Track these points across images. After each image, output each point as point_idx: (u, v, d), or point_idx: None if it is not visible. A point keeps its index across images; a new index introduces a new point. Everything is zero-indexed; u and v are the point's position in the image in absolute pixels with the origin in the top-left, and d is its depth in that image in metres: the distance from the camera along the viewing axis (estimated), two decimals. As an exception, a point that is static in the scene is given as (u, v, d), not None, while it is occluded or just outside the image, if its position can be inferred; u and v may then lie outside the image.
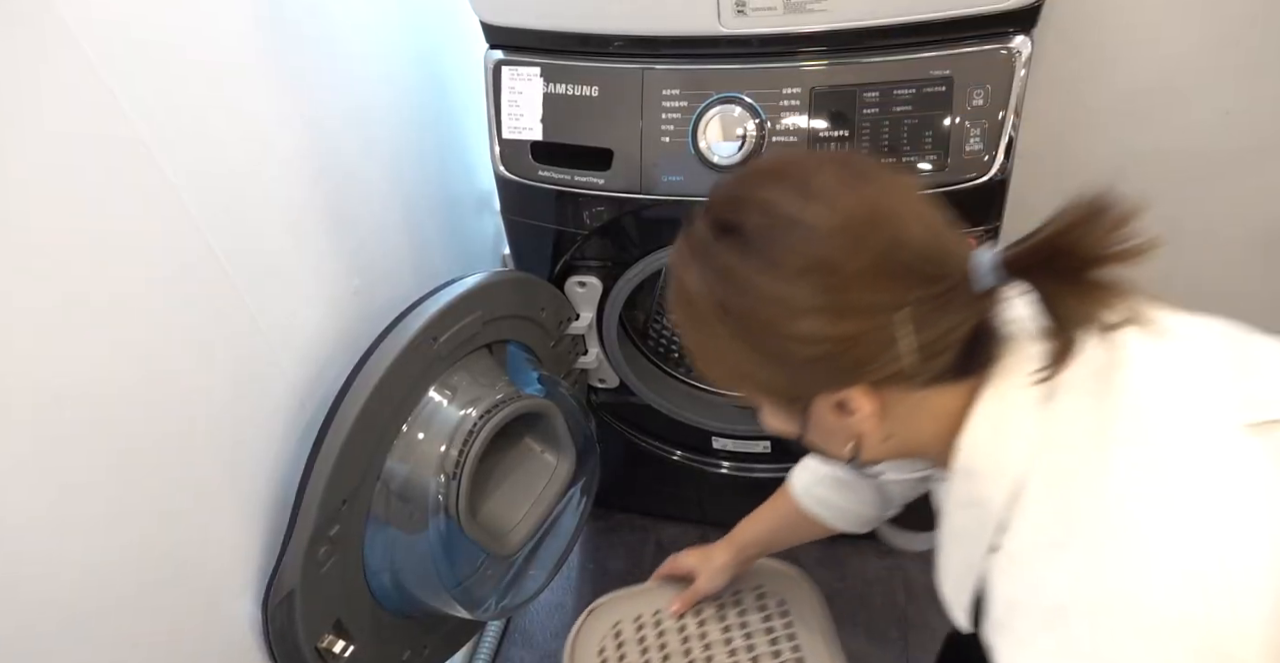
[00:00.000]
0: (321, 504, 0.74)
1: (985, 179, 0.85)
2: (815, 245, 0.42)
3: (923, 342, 0.43)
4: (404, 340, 0.81)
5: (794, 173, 0.45)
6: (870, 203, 0.43)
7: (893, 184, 0.45)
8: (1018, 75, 0.81)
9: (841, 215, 0.43)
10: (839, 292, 0.43)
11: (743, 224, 0.44)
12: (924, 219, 0.45)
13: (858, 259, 0.42)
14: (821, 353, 0.44)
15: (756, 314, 0.45)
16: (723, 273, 0.45)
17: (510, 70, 0.94)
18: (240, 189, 0.71)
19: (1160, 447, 0.43)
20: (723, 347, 0.47)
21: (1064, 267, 0.42)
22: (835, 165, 0.45)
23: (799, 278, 0.43)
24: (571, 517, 1.08)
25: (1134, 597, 0.39)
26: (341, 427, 0.75)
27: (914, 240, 0.43)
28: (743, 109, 0.87)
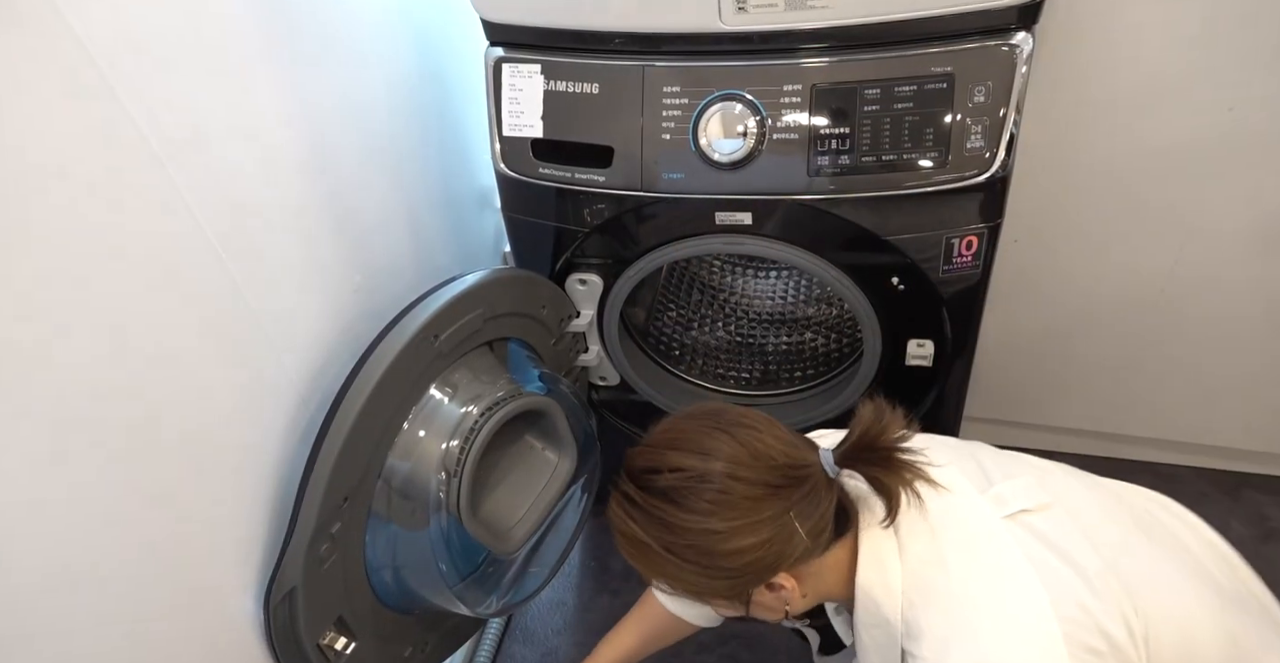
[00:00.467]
0: (323, 502, 0.74)
1: (986, 176, 0.85)
2: (724, 488, 0.60)
3: (810, 527, 0.62)
4: (405, 338, 0.81)
5: (687, 439, 0.64)
6: (748, 447, 0.62)
7: (754, 424, 0.64)
8: (1019, 72, 0.81)
9: (729, 460, 0.61)
10: (749, 513, 0.60)
11: (665, 485, 0.62)
12: (782, 440, 0.64)
13: (755, 488, 0.60)
14: (752, 559, 0.61)
15: (697, 547, 0.61)
16: (661, 524, 0.62)
17: (511, 67, 0.94)
18: (242, 186, 0.71)
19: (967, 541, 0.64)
20: (677, 574, 0.64)
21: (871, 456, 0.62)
22: (712, 425, 0.64)
23: (720, 512, 0.60)
24: (573, 514, 1.08)
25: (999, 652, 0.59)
26: (343, 424, 0.76)
27: (780, 458, 0.62)
28: (744, 106, 0.88)
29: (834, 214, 0.91)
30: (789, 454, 0.63)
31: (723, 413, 0.66)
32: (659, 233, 1.00)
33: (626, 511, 0.64)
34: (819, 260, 0.97)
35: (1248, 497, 1.39)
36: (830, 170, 0.88)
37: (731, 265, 1.33)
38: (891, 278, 0.96)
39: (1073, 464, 0.77)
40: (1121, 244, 1.16)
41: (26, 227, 0.52)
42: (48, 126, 0.53)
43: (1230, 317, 1.20)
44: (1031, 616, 0.58)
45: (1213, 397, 1.31)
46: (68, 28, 0.54)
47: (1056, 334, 1.28)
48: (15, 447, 0.51)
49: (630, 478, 0.65)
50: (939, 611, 0.61)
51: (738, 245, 0.98)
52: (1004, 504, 0.66)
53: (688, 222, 0.97)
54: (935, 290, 0.95)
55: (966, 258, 0.92)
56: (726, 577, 0.63)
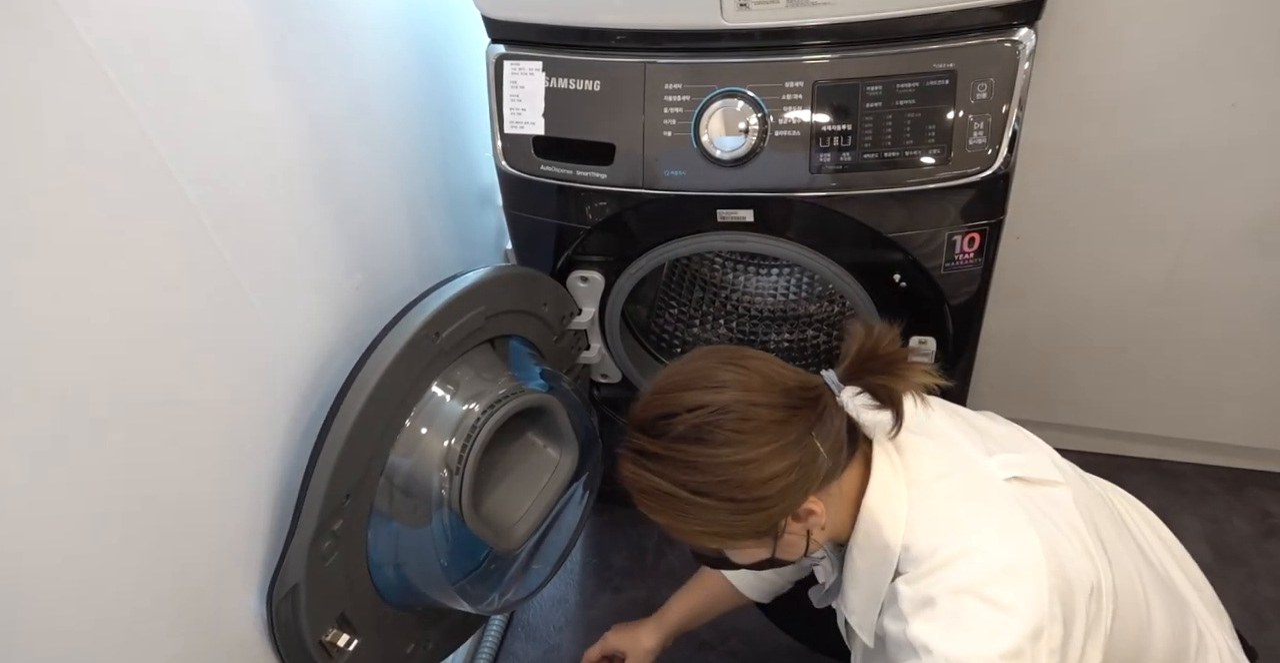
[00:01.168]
0: (325, 499, 0.74)
1: (988, 173, 0.85)
2: (746, 415, 0.60)
3: (830, 445, 0.63)
4: (407, 335, 0.81)
5: (696, 378, 0.63)
6: (755, 372, 0.62)
7: (756, 354, 0.65)
8: (1021, 68, 0.81)
9: (744, 389, 0.61)
10: (775, 436, 0.60)
11: (686, 426, 0.61)
12: (786, 366, 0.65)
13: (771, 412, 0.61)
14: (787, 483, 0.61)
15: (730, 481, 0.60)
16: (689, 466, 0.61)
17: (512, 65, 0.94)
18: (243, 184, 0.71)
19: (969, 482, 0.65)
20: (710, 519, 0.63)
21: (873, 366, 0.63)
22: (716, 359, 0.64)
23: (746, 440, 0.60)
24: (574, 512, 1.08)
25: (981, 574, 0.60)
26: (345, 421, 0.76)
27: (792, 381, 0.63)
28: (745, 103, 0.87)
29: (836, 211, 0.91)
30: (798, 377, 0.64)
31: (720, 350, 0.66)
32: (660, 230, 1.00)
33: (645, 465, 0.62)
34: (820, 257, 0.97)
35: (1251, 494, 1.39)
36: (832, 167, 0.88)
37: (733, 262, 1.33)
38: (893, 275, 0.96)
39: (1074, 461, 0.77)
40: (1124, 240, 1.16)
41: (26, 226, 0.52)
42: (50, 126, 0.53)
43: (1234, 312, 1.20)
44: (1025, 553, 0.59)
45: (1216, 393, 1.30)
46: (70, 26, 0.54)
47: (1059, 331, 1.27)
48: (15, 446, 0.51)
49: (642, 431, 0.63)
50: (940, 536, 0.62)
51: (739, 243, 0.98)
52: (1008, 468, 0.67)
53: (689, 219, 0.97)
54: (937, 287, 0.95)
55: (968, 255, 0.92)
56: (761, 509, 0.62)
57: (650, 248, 1.02)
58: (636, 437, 0.63)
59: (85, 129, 0.55)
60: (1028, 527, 0.61)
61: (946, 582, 0.59)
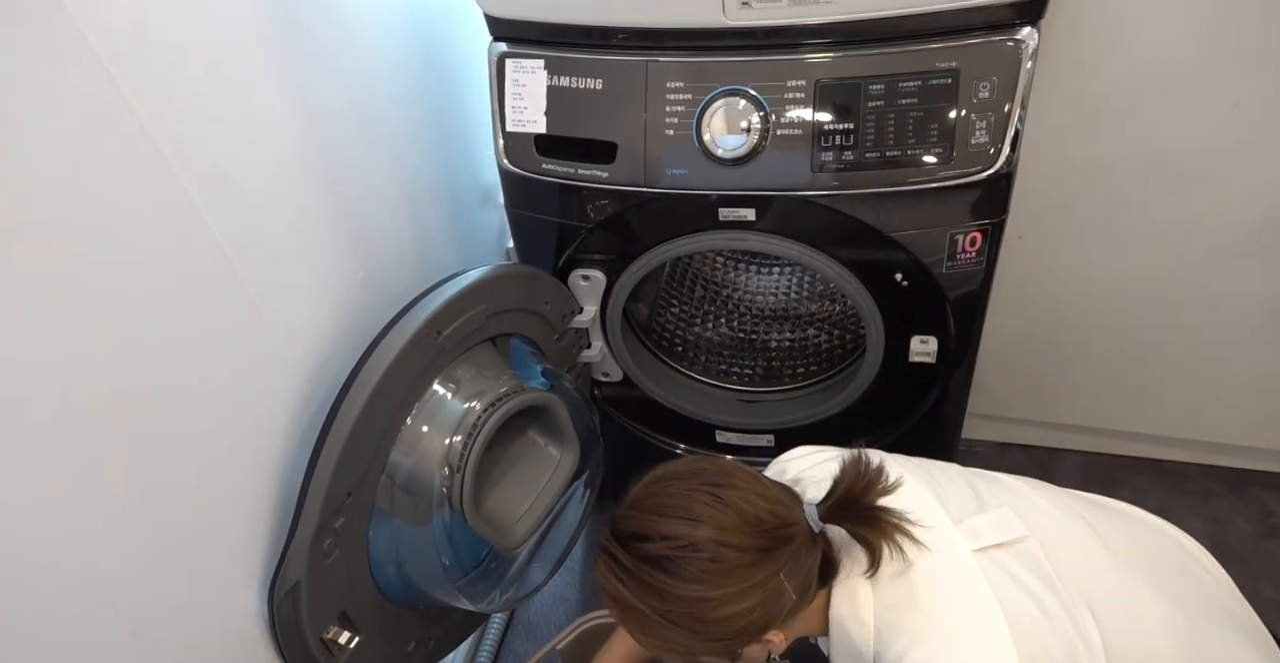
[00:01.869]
0: (326, 497, 0.74)
1: (991, 172, 0.85)
2: (715, 555, 0.61)
3: (798, 584, 0.63)
4: (408, 334, 0.81)
5: (674, 506, 0.64)
6: (735, 509, 0.62)
7: (740, 482, 0.65)
8: (1024, 67, 0.81)
9: (718, 527, 0.61)
10: (741, 579, 0.61)
11: (656, 553, 0.62)
12: (767, 497, 0.64)
13: (745, 555, 0.61)
14: (745, 623, 0.63)
15: (692, 614, 0.62)
16: (654, 591, 0.63)
17: (514, 63, 0.94)
18: (245, 182, 0.71)
19: (938, 576, 0.65)
20: (671, 637, 0.65)
21: (855, 513, 0.64)
22: (694, 488, 0.64)
23: (711, 579, 0.61)
24: (575, 510, 1.08)
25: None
26: (346, 419, 0.76)
27: (769, 519, 0.63)
28: (747, 101, 0.87)
29: (837, 210, 0.91)
30: (776, 514, 0.63)
31: (705, 473, 0.66)
32: (662, 229, 1.00)
33: (617, 575, 0.64)
34: (822, 256, 0.96)
35: (1252, 494, 1.39)
36: (834, 166, 0.88)
37: (734, 261, 1.34)
38: (895, 274, 0.96)
39: (1076, 461, 0.77)
40: (1126, 239, 1.16)
41: (26, 224, 0.52)
42: (51, 122, 0.53)
43: (1236, 312, 1.19)
44: (994, 645, 0.61)
45: (1217, 393, 1.30)
46: (72, 23, 0.54)
47: (1060, 330, 1.27)
48: (18, 445, 0.51)
49: (619, 542, 0.65)
50: (907, 638, 0.63)
51: (741, 241, 0.98)
52: (976, 537, 0.67)
53: (691, 217, 0.97)
54: (939, 287, 0.95)
55: (970, 254, 0.92)
56: (719, 639, 0.64)
57: (652, 247, 1.02)
58: (613, 545, 0.65)
59: (87, 126, 0.56)
60: (996, 612, 0.61)
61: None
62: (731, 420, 1.22)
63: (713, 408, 1.22)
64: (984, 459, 1.45)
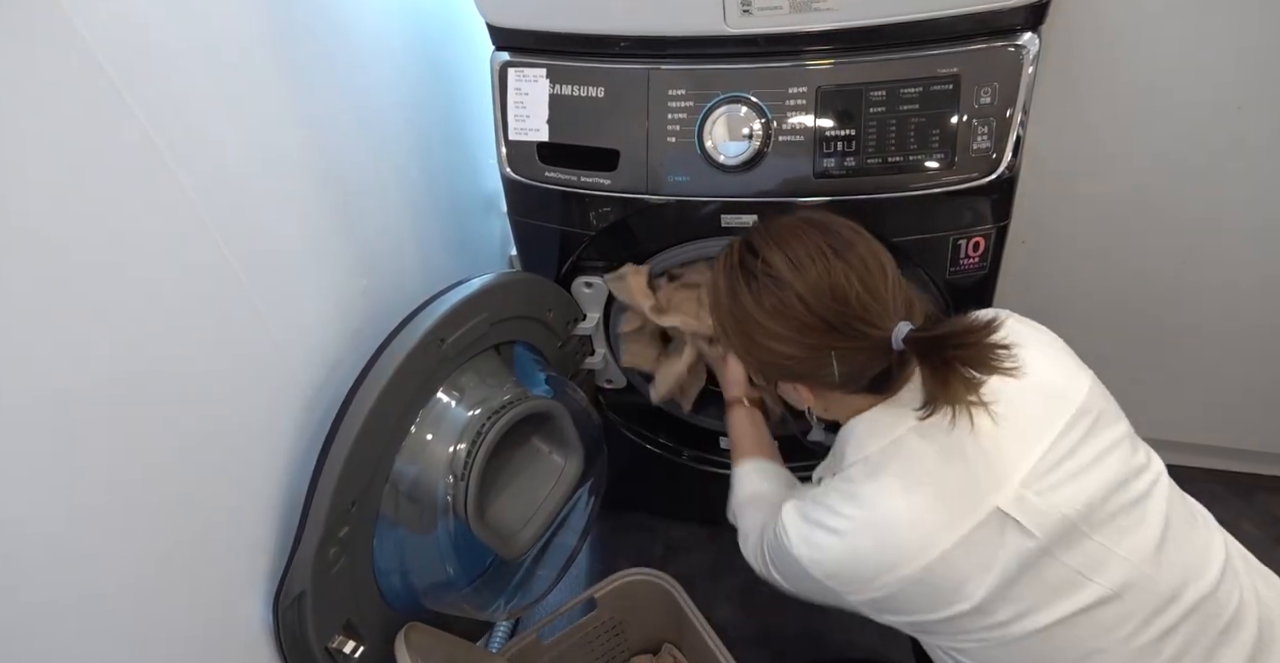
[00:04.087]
0: (331, 505, 0.74)
1: (993, 178, 0.84)
2: (788, 300, 0.64)
3: (843, 372, 0.65)
4: (412, 341, 0.81)
5: (794, 245, 0.66)
6: (833, 278, 0.63)
7: (860, 256, 0.65)
8: (1026, 73, 0.81)
9: (810, 285, 0.64)
10: (794, 331, 0.65)
11: (754, 267, 0.67)
12: (870, 288, 0.64)
13: (810, 317, 0.64)
14: (780, 361, 0.67)
15: (743, 324, 0.68)
16: (734, 292, 0.69)
17: (516, 72, 0.94)
18: (249, 191, 0.72)
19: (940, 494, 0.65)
20: (727, 325, 0.71)
21: (947, 359, 0.59)
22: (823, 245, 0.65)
23: (773, 315, 0.65)
24: (579, 517, 1.08)
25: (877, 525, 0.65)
26: (350, 428, 0.76)
27: (852, 310, 0.63)
28: (749, 109, 0.87)
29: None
30: (865, 307, 0.63)
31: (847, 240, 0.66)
32: (664, 236, 1.00)
33: (724, 265, 0.71)
34: (825, 262, 0.96)
35: (1260, 499, 1.38)
36: (836, 172, 0.88)
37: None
38: (898, 280, 0.95)
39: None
40: (1130, 244, 1.15)
41: (36, 230, 0.52)
42: (56, 131, 0.53)
43: (1242, 316, 1.19)
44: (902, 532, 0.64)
45: (1224, 398, 1.30)
46: (74, 31, 0.54)
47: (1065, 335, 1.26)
48: (24, 450, 0.51)
49: (742, 243, 0.70)
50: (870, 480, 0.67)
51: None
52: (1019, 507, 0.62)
53: (693, 224, 0.97)
54: (942, 292, 0.95)
55: (973, 259, 0.92)
56: (758, 359, 0.70)
57: (655, 253, 1.02)
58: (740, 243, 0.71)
59: (89, 134, 0.56)
60: (939, 529, 0.63)
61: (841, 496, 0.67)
62: (735, 427, 1.21)
63: (715, 414, 1.22)
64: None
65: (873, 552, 0.65)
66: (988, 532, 0.63)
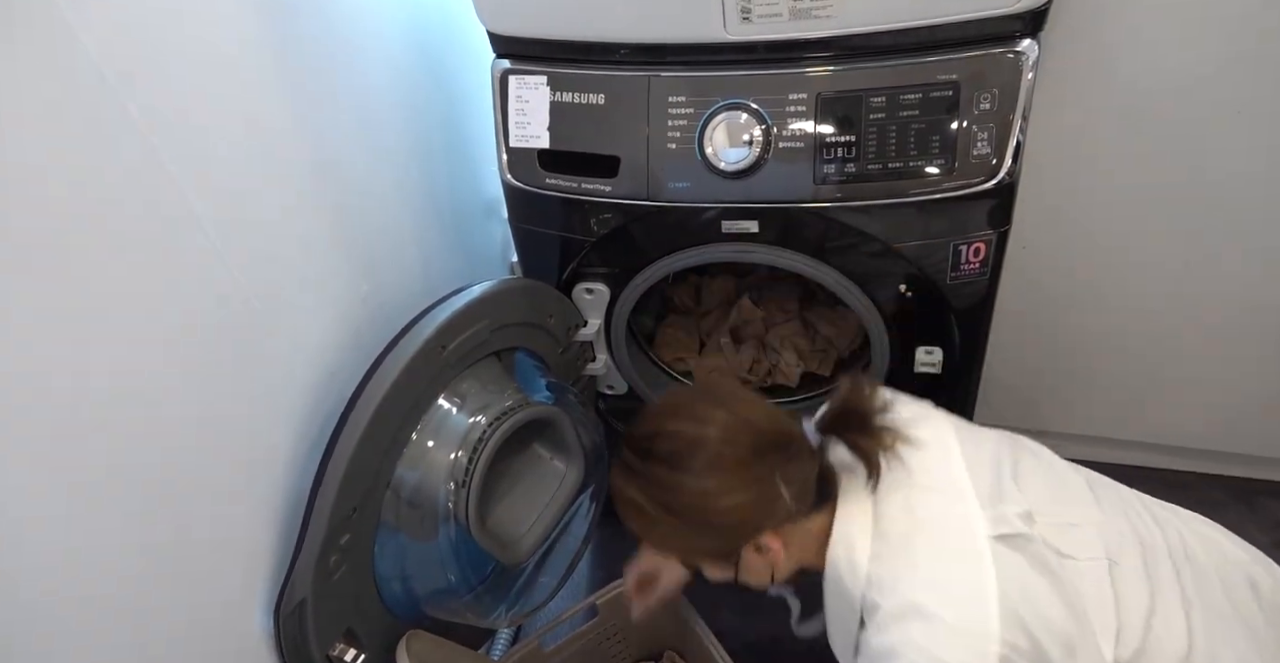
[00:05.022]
0: (332, 512, 0.74)
1: (993, 183, 0.85)
2: (714, 450, 0.66)
3: (794, 491, 0.67)
4: (413, 348, 0.81)
5: (685, 408, 0.69)
6: (733, 415, 0.68)
7: (744, 397, 0.71)
8: (1025, 79, 0.81)
9: (722, 427, 0.67)
10: (738, 473, 0.66)
11: (663, 449, 0.67)
12: (769, 413, 0.69)
13: (740, 450, 0.66)
14: (740, 517, 0.67)
15: (690, 506, 0.67)
16: (658, 484, 0.68)
17: (517, 79, 0.95)
18: (249, 198, 0.72)
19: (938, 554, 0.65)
20: (672, 534, 0.70)
21: (852, 422, 0.68)
22: (707, 397, 0.70)
23: (712, 473, 0.66)
24: (581, 523, 1.08)
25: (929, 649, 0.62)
26: (352, 434, 0.76)
27: (766, 427, 0.68)
28: (749, 115, 0.88)
29: (841, 222, 0.91)
30: (776, 422, 0.69)
31: (715, 388, 0.73)
32: (665, 242, 1.00)
33: (627, 476, 0.70)
34: (826, 268, 0.96)
35: (1262, 504, 1.38)
36: (836, 178, 0.88)
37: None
38: (899, 285, 0.96)
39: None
40: (1131, 249, 1.15)
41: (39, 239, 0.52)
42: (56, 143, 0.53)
43: (1243, 322, 1.19)
44: (977, 608, 0.61)
45: (1225, 403, 1.30)
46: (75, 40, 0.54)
47: (1067, 340, 1.27)
48: (26, 456, 0.52)
49: (630, 446, 0.70)
50: (895, 597, 0.64)
51: (744, 254, 0.98)
52: (999, 524, 0.65)
53: (694, 230, 0.97)
54: (943, 297, 0.95)
55: (974, 265, 0.92)
56: (718, 534, 0.69)
57: (655, 259, 1.02)
58: (626, 451, 0.70)
59: (91, 143, 0.56)
60: (992, 589, 0.61)
61: (900, 635, 0.62)
62: (737, 432, 1.21)
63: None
64: (991, 470, 1.44)
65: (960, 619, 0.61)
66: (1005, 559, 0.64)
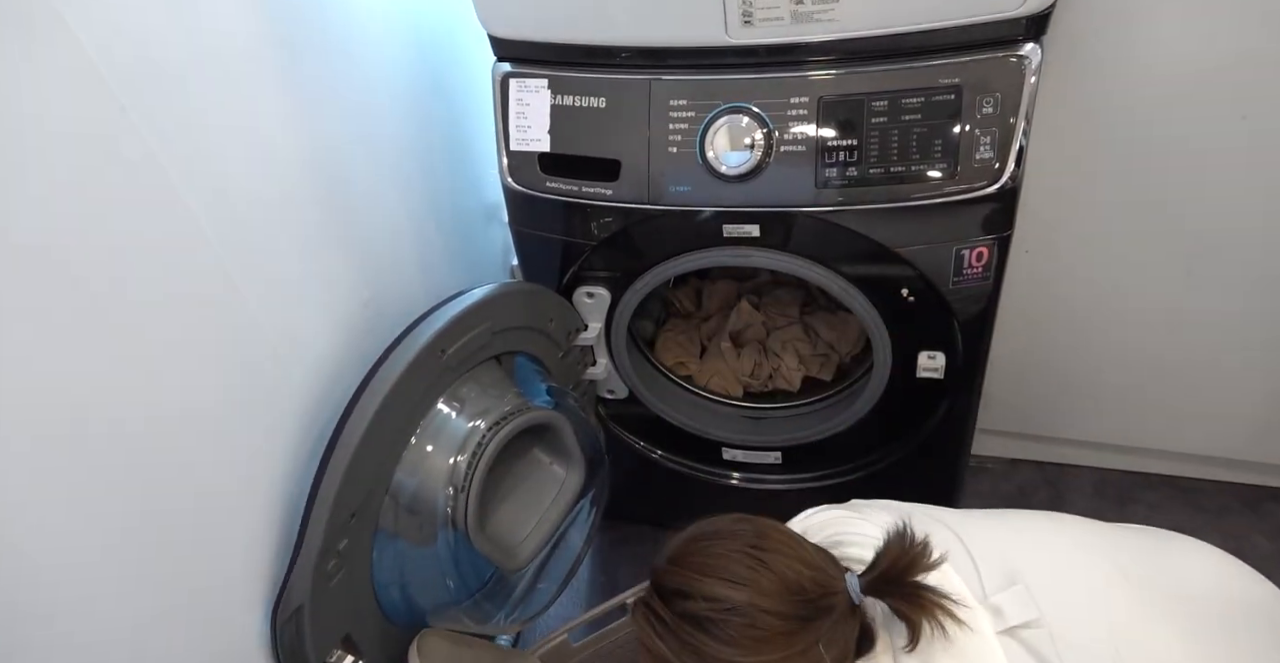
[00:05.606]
0: (330, 518, 0.74)
1: (996, 188, 0.85)
2: (757, 621, 0.60)
3: (835, 655, 0.62)
4: (413, 352, 0.81)
5: (717, 566, 0.63)
6: (779, 575, 0.62)
7: (782, 546, 0.64)
8: (1028, 82, 0.81)
9: (759, 592, 0.61)
10: (781, 647, 0.60)
11: (697, 612, 0.61)
12: (809, 563, 0.64)
13: (786, 623, 0.60)
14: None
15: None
16: (691, 649, 0.61)
17: (518, 82, 0.95)
18: (250, 203, 0.72)
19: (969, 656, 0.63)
20: None
21: (897, 586, 0.63)
22: (739, 549, 0.63)
23: (751, 644, 0.60)
24: (581, 529, 1.08)
25: None
26: (350, 439, 0.76)
27: (811, 589, 0.62)
28: (750, 118, 0.88)
29: (842, 226, 0.91)
30: (818, 582, 0.63)
31: (746, 535, 0.65)
32: (666, 246, 1.00)
33: (655, 630, 0.64)
34: (828, 273, 0.96)
35: (1268, 510, 1.37)
36: (838, 182, 0.88)
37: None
38: (902, 290, 0.95)
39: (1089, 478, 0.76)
40: (1135, 253, 1.15)
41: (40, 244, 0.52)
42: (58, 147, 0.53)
43: (1248, 325, 1.18)
44: None
45: (1232, 408, 1.29)
46: (78, 46, 0.54)
47: (1071, 345, 1.26)
48: (27, 460, 0.51)
49: (660, 597, 0.64)
50: None
51: (745, 258, 0.98)
52: (1000, 618, 0.66)
53: (695, 234, 0.97)
54: (946, 302, 0.95)
55: (977, 269, 0.92)
56: None
57: (656, 263, 1.02)
58: (654, 600, 0.64)
59: (94, 150, 0.56)
60: None
61: None
62: (738, 437, 1.21)
63: (719, 425, 1.21)
64: (994, 476, 1.43)
65: None
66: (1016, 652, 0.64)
